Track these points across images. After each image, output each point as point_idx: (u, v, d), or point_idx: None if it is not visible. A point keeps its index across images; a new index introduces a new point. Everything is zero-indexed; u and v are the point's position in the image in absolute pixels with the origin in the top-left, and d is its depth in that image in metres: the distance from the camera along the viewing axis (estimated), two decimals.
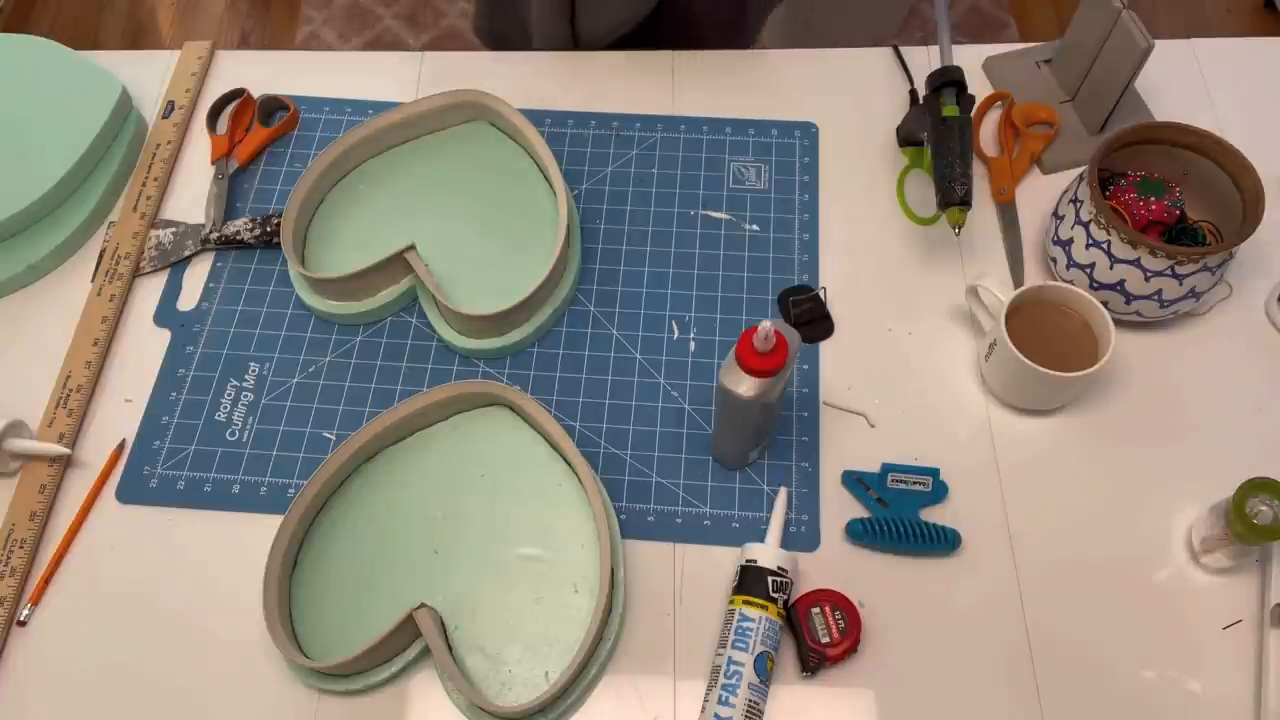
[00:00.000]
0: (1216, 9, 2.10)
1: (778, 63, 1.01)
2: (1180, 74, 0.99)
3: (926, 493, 0.77)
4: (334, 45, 2.13)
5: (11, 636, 0.75)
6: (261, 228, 0.91)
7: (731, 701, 0.67)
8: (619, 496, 0.79)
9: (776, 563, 0.71)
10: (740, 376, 0.67)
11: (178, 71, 1.02)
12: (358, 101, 1.00)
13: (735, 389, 0.67)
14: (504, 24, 1.11)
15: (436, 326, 0.86)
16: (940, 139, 0.84)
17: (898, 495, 0.77)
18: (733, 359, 0.67)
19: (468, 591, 0.74)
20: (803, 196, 0.93)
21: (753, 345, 0.65)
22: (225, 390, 0.84)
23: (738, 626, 0.70)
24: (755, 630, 0.69)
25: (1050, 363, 0.74)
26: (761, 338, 0.64)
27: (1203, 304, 0.84)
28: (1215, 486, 0.74)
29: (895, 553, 0.75)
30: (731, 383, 0.67)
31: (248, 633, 0.74)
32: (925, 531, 0.74)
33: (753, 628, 0.69)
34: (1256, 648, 0.72)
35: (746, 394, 0.67)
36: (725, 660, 0.69)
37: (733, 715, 0.67)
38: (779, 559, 0.71)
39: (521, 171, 0.94)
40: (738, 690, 0.68)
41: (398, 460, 0.80)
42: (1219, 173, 0.82)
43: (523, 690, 0.71)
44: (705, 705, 0.69)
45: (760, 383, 0.66)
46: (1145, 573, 0.75)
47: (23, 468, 0.81)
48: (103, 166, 0.95)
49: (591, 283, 0.89)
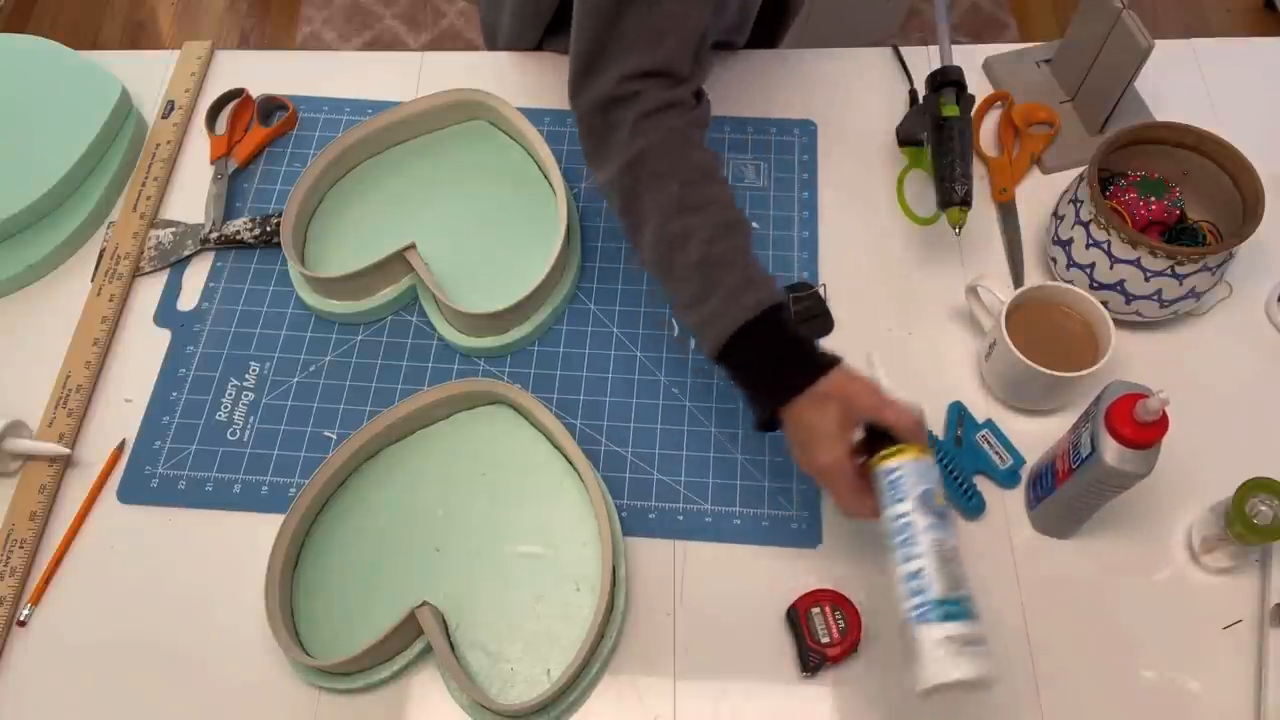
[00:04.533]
0: (1216, 9, 2.10)
1: (777, 62, 1.01)
2: (1180, 74, 0.99)
3: (996, 468, 0.78)
4: (334, 45, 2.13)
5: (11, 636, 0.75)
6: (261, 227, 0.91)
7: (914, 554, 0.61)
8: (620, 494, 0.79)
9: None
10: (1132, 454, 0.65)
11: (177, 71, 1.02)
12: (357, 101, 1.00)
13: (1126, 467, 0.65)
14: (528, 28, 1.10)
15: (437, 325, 0.86)
16: (940, 139, 0.84)
17: (974, 450, 0.78)
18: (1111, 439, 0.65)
19: (469, 590, 0.74)
20: (802, 195, 0.93)
21: (1134, 417, 0.63)
22: (226, 390, 0.84)
23: (888, 483, 0.64)
24: (905, 476, 0.64)
25: (1050, 363, 0.75)
26: (1150, 410, 0.62)
27: (1203, 304, 0.84)
28: (1215, 486, 0.74)
29: None
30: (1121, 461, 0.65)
31: (249, 632, 0.74)
32: (962, 481, 0.76)
33: (902, 475, 0.64)
34: (1256, 648, 0.72)
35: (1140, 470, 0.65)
36: (887, 521, 0.63)
37: (923, 566, 0.61)
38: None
39: (521, 171, 0.94)
40: (916, 540, 0.62)
41: (399, 459, 0.80)
42: (1219, 173, 0.82)
43: (524, 688, 0.71)
44: (891, 577, 0.63)
45: (1147, 454, 0.65)
46: (1145, 573, 0.75)
47: (23, 468, 0.80)
48: (103, 166, 0.95)
49: (591, 281, 0.89)
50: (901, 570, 0.62)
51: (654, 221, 0.69)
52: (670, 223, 0.68)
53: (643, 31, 0.69)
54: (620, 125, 0.70)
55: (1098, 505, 0.71)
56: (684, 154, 0.70)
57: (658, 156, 0.69)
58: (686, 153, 0.70)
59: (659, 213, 0.68)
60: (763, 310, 0.66)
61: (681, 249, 0.67)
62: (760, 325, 0.66)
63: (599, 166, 0.73)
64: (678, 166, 0.69)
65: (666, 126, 0.70)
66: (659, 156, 0.69)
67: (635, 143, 0.69)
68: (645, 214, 0.69)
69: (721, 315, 0.66)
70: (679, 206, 0.68)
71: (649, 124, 0.69)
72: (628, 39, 0.69)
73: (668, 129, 0.70)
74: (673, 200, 0.68)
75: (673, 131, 0.70)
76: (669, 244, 0.68)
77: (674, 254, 0.68)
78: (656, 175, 0.69)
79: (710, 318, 0.67)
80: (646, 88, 0.70)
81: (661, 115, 0.70)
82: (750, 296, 0.66)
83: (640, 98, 0.70)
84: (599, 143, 0.72)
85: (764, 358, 0.66)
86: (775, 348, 0.67)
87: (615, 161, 0.70)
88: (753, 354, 0.67)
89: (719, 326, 0.66)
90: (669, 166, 0.69)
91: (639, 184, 0.69)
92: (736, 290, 0.66)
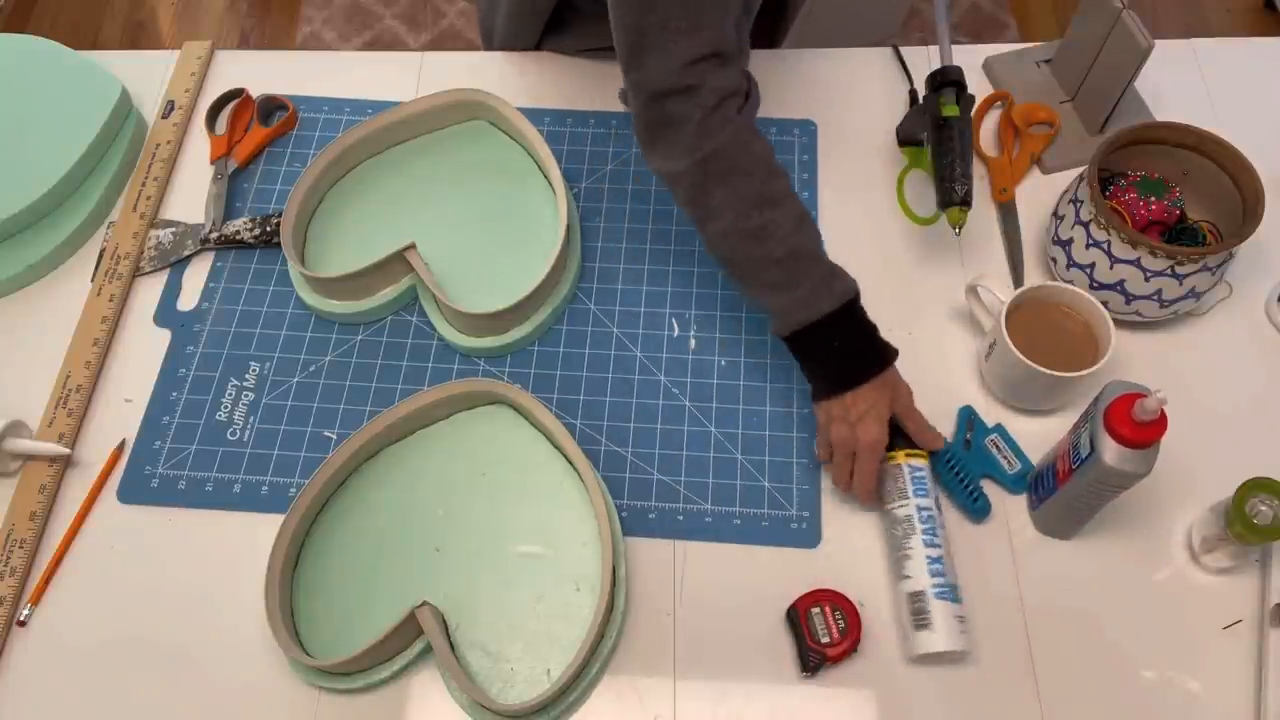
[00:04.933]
0: (1216, 9, 2.10)
1: (777, 62, 1.01)
2: (1180, 74, 0.99)
3: (1004, 472, 0.78)
4: (334, 45, 2.13)
5: (11, 636, 0.75)
6: (261, 227, 0.91)
7: (937, 543, 0.71)
8: (620, 494, 0.79)
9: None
10: (1130, 454, 0.65)
11: (177, 71, 1.02)
12: (357, 101, 1.00)
13: (1125, 467, 0.65)
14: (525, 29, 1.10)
15: (437, 325, 0.86)
16: (940, 139, 0.84)
17: (982, 454, 0.79)
18: (1110, 439, 0.65)
19: (469, 590, 0.74)
20: (802, 194, 0.93)
21: (1132, 417, 0.64)
22: (226, 390, 0.84)
23: (914, 478, 0.73)
24: (928, 476, 0.74)
25: (1050, 363, 0.74)
26: (1148, 409, 0.63)
27: (1203, 304, 0.84)
28: (1215, 486, 0.74)
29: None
30: (1120, 461, 0.65)
31: (249, 632, 0.74)
32: (968, 484, 0.76)
33: (926, 474, 0.74)
34: (1256, 648, 0.72)
35: (1140, 470, 0.65)
36: (914, 509, 0.72)
37: (944, 554, 0.71)
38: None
39: (521, 171, 0.94)
40: (938, 531, 0.72)
41: (399, 459, 0.80)
42: (1219, 173, 0.82)
43: (524, 688, 0.71)
44: (906, 554, 0.71)
45: (1146, 454, 0.65)
46: (1145, 573, 0.75)
47: (23, 468, 0.80)
48: (103, 166, 0.95)
49: (591, 281, 0.89)
50: (925, 553, 0.71)
51: (730, 216, 0.73)
52: (749, 218, 0.73)
53: (683, 11, 0.70)
54: (684, 121, 0.72)
55: (1099, 505, 0.71)
56: (750, 149, 0.73)
57: (728, 156, 0.73)
58: (752, 147, 0.73)
59: (734, 208, 0.73)
60: (848, 299, 0.73)
61: (764, 242, 0.73)
62: (845, 314, 0.73)
63: (663, 157, 0.75)
64: (748, 163, 0.73)
65: (732, 123, 0.73)
66: (729, 155, 0.73)
67: (704, 143, 0.72)
68: (718, 209, 0.74)
69: (807, 303, 0.72)
70: (756, 201, 0.73)
71: (714, 121, 0.72)
72: (670, 23, 0.70)
73: (735, 127, 0.73)
74: (750, 196, 0.73)
75: (740, 129, 0.73)
76: (752, 237, 0.73)
77: (757, 246, 0.73)
78: (727, 173, 0.73)
79: (796, 304, 0.73)
80: (703, 78, 0.71)
81: (724, 109, 0.72)
82: (838, 286, 0.73)
83: (699, 91, 0.71)
84: (660, 135, 0.74)
85: (845, 344, 0.74)
86: (855, 335, 0.74)
87: (683, 158, 0.73)
88: (835, 339, 0.74)
89: (805, 313, 0.72)
90: (739, 164, 0.73)
91: (709, 180, 0.73)
92: (825, 279, 0.73)
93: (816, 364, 0.75)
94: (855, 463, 0.74)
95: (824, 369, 0.75)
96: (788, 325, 0.74)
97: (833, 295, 0.72)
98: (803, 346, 0.75)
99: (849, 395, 0.73)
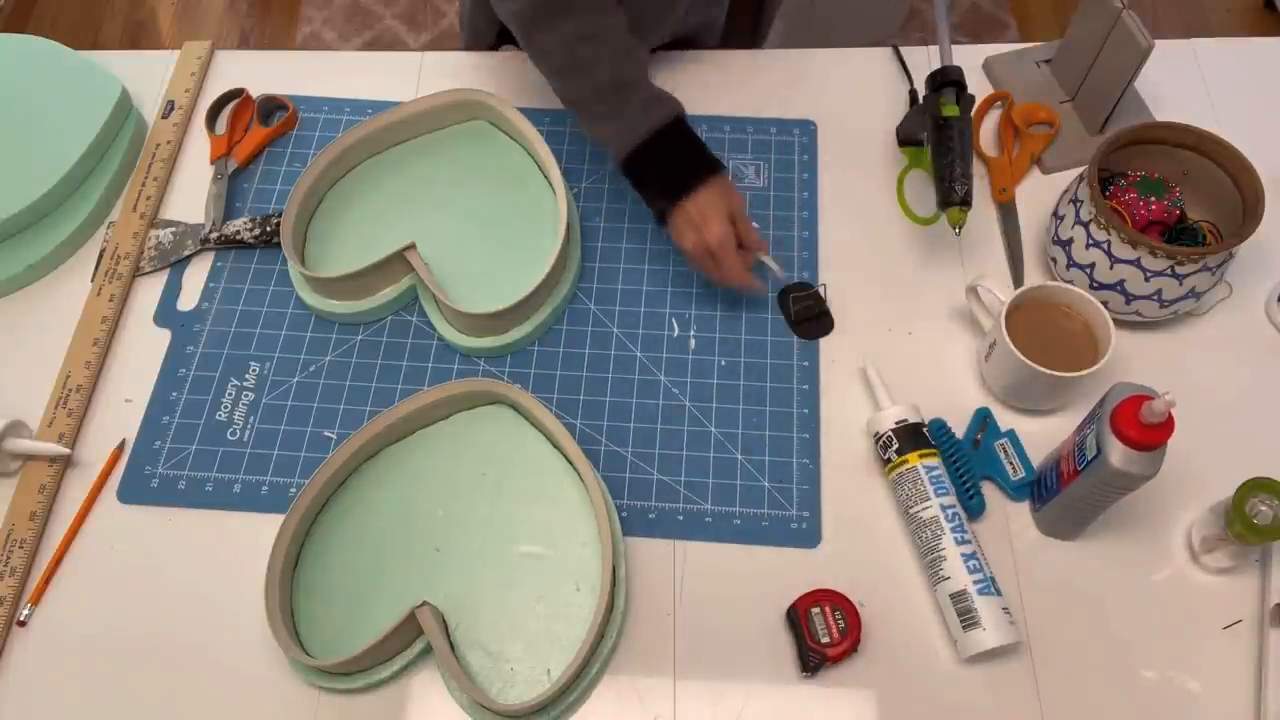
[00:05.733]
0: (1216, 9, 2.10)
1: (777, 62, 1.01)
2: (1180, 74, 0.99)
3: (1008, 477, 0.77)
4: (334, 45, 2.13)
5: (11, 636, 0.75)
6: (261, 227, 0.91)
7: (967, 540, 0.71)
8: (620, 494, 0.79)
9: (913, 416, 0.76)
10: (1137, 456, 0.65)
11: (177, 71, 1.02)
12: (357, 101, 1.00)
13: (1132, 469, 0.65)
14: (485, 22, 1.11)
15: (437, 325, 0.86)
16: (940, 139, 0.84)
17: (989, 456, 0.78)
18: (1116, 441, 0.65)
19: (469, 590, 0.74)
20: (802, 194, 0.93)
21: (1139, 419, 0.63)
22: (226, 390, 0.84)
23: (932, 478, 0.73)
24: (944, 476, 0.74)
25: (1050, 363, 0.74)
26: (1156, 412, 0.63)
27: (1203, 304, 0.84)
28: (1215, 486, 0.74)
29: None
30: (1127, 464, 0.65)
31: (249, 632, 0.74)
32: (967, 482, 0.76)
33: (943, 474, 0.74)
34: (1256, 648, 0.72)
35: (1146, 472, 0.65)
36: (938, 509, 0.72)
37: (976, 550, 0.71)
38: (907, 411, 0.76)
39: (521, 170, 0.94)
40: (966, 529, 0.72)
41: (399, 459, 0.80)
42: (1219, 173, 0.82)
43: (524, 688, 0.71)
44: (940, 555, 0.71)
45: (1152, 456, 0.65)
46: (1145, 573, 0.75)
47: (23, 468, 0.81)
48: (103, 166, 0.95)
49: (591, 281, 0.89)
50: (959, 550, 0.71)
51: (559, 53, 0.80)
52: (574, 53, 0.79)
53: None
54: None
55: (1103, 507, 0.71)
56: None
57: None
58: None
59: (563, 44, 0.79)
60: (673, 118, 0.79)
61: (590, 74, 0.79)
62: (670, 131, 0.79)
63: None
64: (579, 2, 0.78)
65: None
66: None
67: None
68: (549, 47, 0.80)
69: (634, 128, 0.78)
70: (580, 36, 0.79)
71: None
72: None
73: None
74: (576, 32, 0.78)
75: None
76: (581, 71, 0.79)
77: (586, 79, 0.80)
78: (557, 12, 0.78)
79: (624, 130, 0.79)
80: None
81: None
82: (659, 109, 0.79)
83: None
84: None
85: (674, 156, 0.79)
86: (681, 150, 0.80)
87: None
88: (663, 156, 0.79)
89: (631, 136, 0.78)
90: (571, 4, 0.78)
91: (539, 17, 0.79)
92: (647, 103, 0.79)
93: (652, 183, 0.80)
94: (715, 261, 0.79)
95: (659, 186, 0.80)
96: (621, 151, 0.79)
97: (654, 117, 0.78)
98: (637, 172, 0.80)
99: (687, 202, 0.78)
